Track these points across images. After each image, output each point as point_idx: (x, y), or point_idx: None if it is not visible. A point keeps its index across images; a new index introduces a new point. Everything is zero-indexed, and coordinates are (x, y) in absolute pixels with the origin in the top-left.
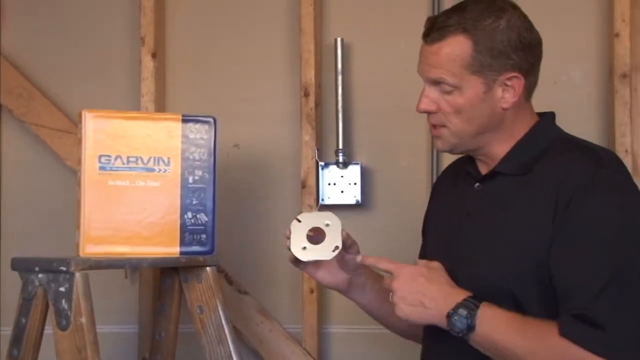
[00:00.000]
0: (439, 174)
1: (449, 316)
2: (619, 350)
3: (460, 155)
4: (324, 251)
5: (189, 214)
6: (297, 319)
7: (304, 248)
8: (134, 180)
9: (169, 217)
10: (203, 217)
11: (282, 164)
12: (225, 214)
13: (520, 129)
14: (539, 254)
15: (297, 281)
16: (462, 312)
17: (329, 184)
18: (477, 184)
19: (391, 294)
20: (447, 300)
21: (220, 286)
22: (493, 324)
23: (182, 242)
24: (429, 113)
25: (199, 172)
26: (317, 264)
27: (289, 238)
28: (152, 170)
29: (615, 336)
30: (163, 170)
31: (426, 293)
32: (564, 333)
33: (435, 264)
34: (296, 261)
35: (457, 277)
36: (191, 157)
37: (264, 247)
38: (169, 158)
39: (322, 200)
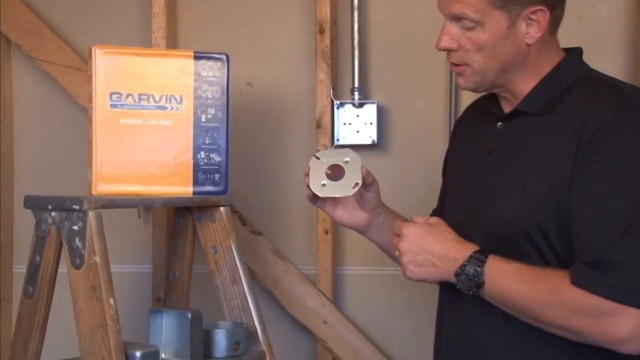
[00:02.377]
0: (457, 114)
1: (457, 275)
2: (636, 295)
3: (482, 94)
4: (344, 188)
5: (202, 154)
6: (312, 260)
7: (323, 185)
8: (145, 119)
9: (181, 156)
10: (216, 157)
11: (297, 103)
12: (239, 153)
13: (546, 65)
14: (559, 196)
15: (312, 222)
16: (470, 269)
17: (344, 124)
18: (499, 123)
19: (397, 253)
20: (455, 257)
21: (234, 226)
22: (502, 277)
23: (195, 182)
24: (449, 51)
25: (211, 111)
26: (335, 202)
27: (307, 175)
28: (164, 108)
29: (632, 281)
30: (175, 108)
31: (434, 252)
32: (576, 281)
33: (434, 219)
34: (314, 198)
35: (475, 218)
36: (204, 95)
37: (278, 188)
38: (181, 96)
39: (337, 140)
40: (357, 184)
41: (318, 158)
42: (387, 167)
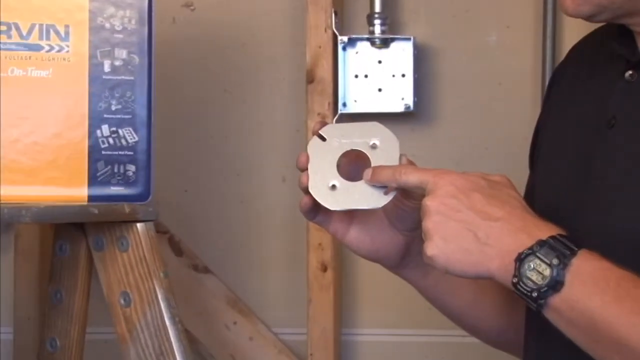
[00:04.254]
0: (555, 60)
1: (520, 259)
2: None
3: (599, 26)
4: (369, 193)
5: (105, 129)
6: (298, 317)
7: (333, 187)
8: (5, 68)
9: (68, 133)
10: (130, 135)
11: (270, 40)
12: (170, 130)
13: None
14: None
15: (299, 251)
16: (542, 259)
17: (356, 76)
18: (628, 73)
19: (422, 220)
20: (519, 234)
21: (162, 258)
22: (594, 284)
23: (93, 179)
24: None
25: (121, 54)
26: (348, 216)
27: (303, 169)
28: (37, 48)
29: None
30: (57, 48)
31: (483, 218)
32: None
33: (498, 177)
34: (313, 210)
35: (582, 227)
36: (107, 25)
37: (241, 191)
38: (67, 27)
39: (344, 105)
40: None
41: (324, 139)
42: (432, 151)
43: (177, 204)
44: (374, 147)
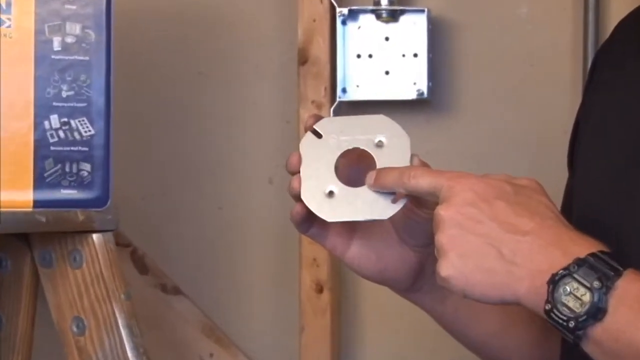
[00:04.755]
0: (599, 38)
1: (553, 282)
2: None
3: None
4: (373, 201)
5: (54, 119)
6: (289, 348)
7: (330, 194)
8: None
9: (9, 124)
10: (85, 127)
11: (255, 12)
12: (134, 123)
13: None
14: None
15: (288, 267)
16: (580, 282)
17: (359, 56)
18: None
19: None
20: (551, 249)
21: (123, 276)
22: None
23: (39, 180)
24: None
25: (74, 29)
26: (350, 229)
27: (294, 172)
28: None
29: None
30: None
31: (509, 231)
32: None
33: (526, 181)
34: (306, 221)
35: (631, 242)
36: None
37: (218, 198)
38: None
39: (343, 91)
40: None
41: (319, 135)
42: (450, 147)
43: (142, 210)
44: (379, 145)
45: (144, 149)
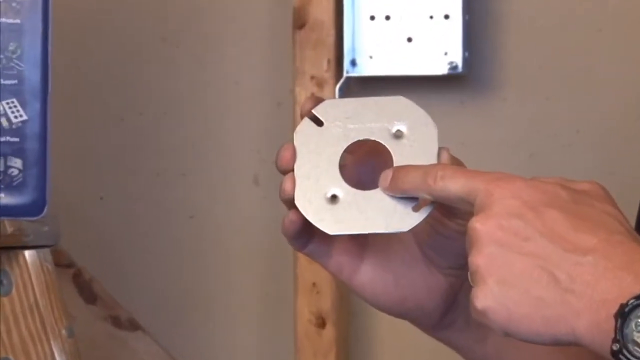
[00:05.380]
0: None
1: (622, 314)
2: None
3: None
4: (389, 209)
5: None
6: None
7: (333, 199)
8: None
9: None
10: (15, 111)
11: None
12: (79, 107)
13: None
14: None
15: (280, 294)
16: None
17: (372, 18)
18: None
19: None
20: (619, 272)
21: (65, 305)
22: None
23: None
24: None
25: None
26: (360, 245)
27: (289, 170)
28: None
29: None
30: None
31: (567, 250)
32: None
33: (587, 185)
34: (302, 235)
35: None
36: None
37: (188, 203)
38: None
39: (353, 64)
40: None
41: (320, 123)
42: (490, 137)
43: (89, 219)
44: (398, 135)
45: (91, 140)
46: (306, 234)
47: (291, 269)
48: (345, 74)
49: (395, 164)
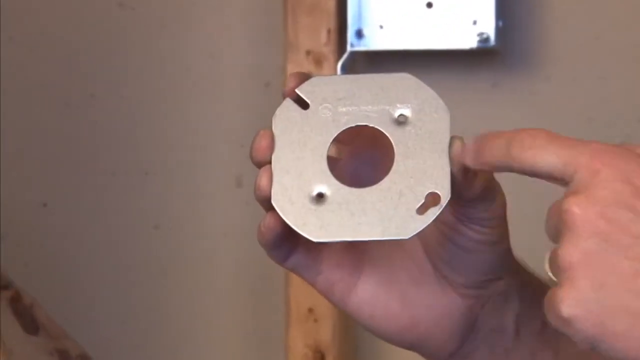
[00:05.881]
0: None
1: None
2: None
3: None
4: (389, 210)
5: None
6: None
7: (319, 198)
8: None
9: None
10: None
11: None
12: (19, 94)
13: None
14: None
15: (271, 324)
16: None
17: None
18: None
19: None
20: None
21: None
22: None
23: None
24: None
25: None
26: (355, 256)
27: (264, 163)
28: None
29: None
30: None
31: None
32: None
33: None
34: (282, 243)
35: None
36: None
37: (152, 210)
38: None
39: (358, 35)
40: (434, 193)
41: (305, 105)
42: (528, 123)
43: (31, 231)
44: (401, 121)
45: (38, 135)
46: (288, 243)
47: (282, 292)
48: (349, 48)
49: (396, 156)
